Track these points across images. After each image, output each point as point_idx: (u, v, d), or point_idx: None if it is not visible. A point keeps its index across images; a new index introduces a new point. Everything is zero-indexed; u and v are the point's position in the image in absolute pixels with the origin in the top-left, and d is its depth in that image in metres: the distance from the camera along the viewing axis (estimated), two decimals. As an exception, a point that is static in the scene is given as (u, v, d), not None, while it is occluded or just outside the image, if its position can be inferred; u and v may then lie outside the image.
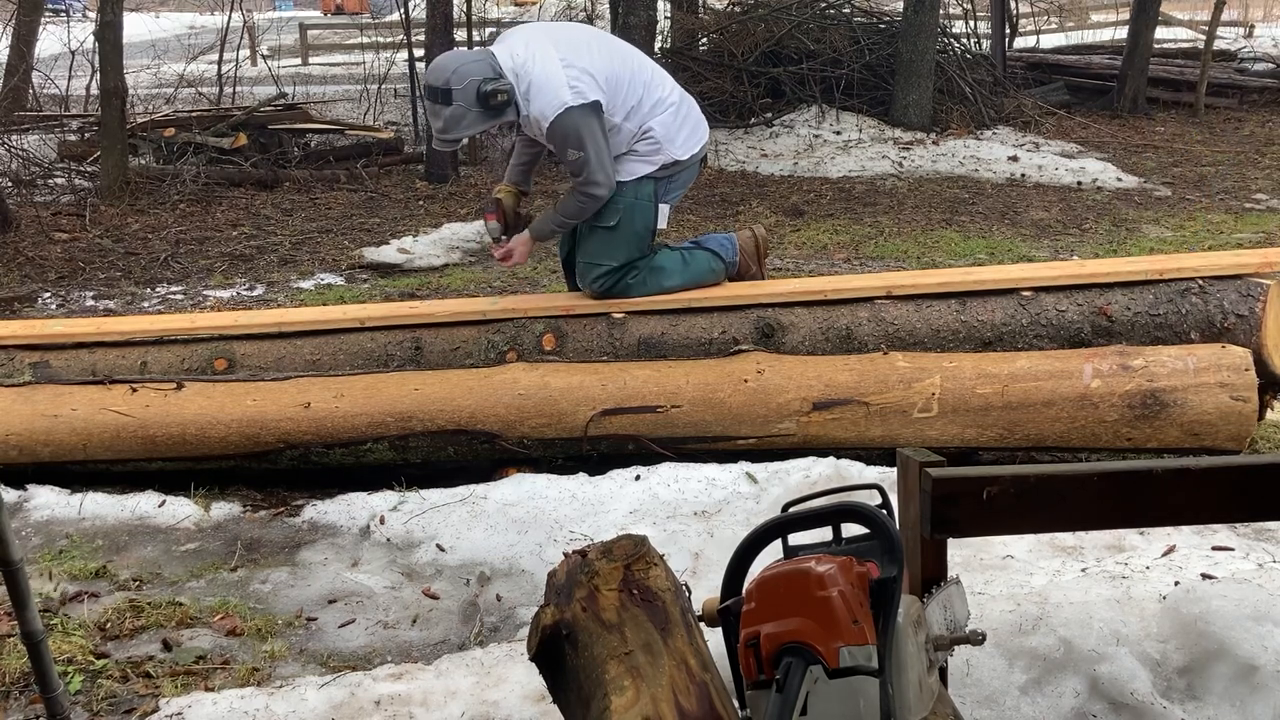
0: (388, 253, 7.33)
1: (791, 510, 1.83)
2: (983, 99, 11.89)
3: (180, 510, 3.79)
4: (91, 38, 9.66)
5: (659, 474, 3.72)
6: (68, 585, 3.29)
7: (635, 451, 3.88)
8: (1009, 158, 10.33)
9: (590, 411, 3.85)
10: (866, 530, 1.74)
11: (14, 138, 9.66)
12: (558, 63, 3.84)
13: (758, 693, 1.62)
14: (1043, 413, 3.76)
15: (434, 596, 3.27)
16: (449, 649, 2.99)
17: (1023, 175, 9.79)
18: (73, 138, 10.15)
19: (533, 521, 3.52)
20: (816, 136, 11.15)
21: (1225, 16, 14.69)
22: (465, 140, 3.99)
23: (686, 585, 1.96)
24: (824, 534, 1.79)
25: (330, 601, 3.25)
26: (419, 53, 11.01)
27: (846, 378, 3.83)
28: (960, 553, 3.09)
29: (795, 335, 4.00)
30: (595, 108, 3.86)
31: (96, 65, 9.34)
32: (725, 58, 11.89)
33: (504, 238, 4.18)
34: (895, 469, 2.10)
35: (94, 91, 10.14)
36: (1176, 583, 2.80)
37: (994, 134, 11.35)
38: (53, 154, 9.78)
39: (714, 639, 1.85)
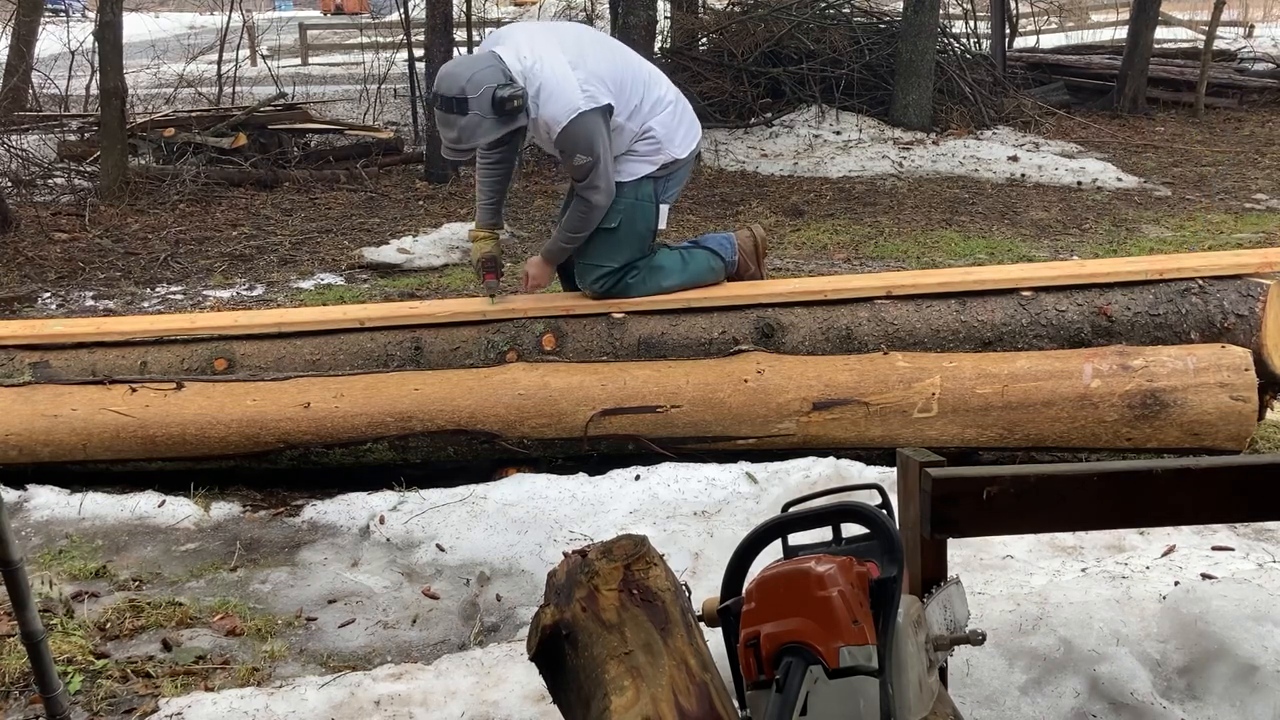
0: (388, 253, 7.33)
1: (791, 510, 1.83)
2: (983, 99, 11.89)
3: (180, 510, 3.78)
4: (91, 38, 9.67)
5: (659, 474, 3.72)
6: (67, 585, 3.29)
7: (635, 451, 3.88)
8: (1009, 158, 10.33)
9: (590, 411, 3.85)
10: (866, 530, 1.74)
11: (14, 138, 9.66)
12: (567, 65, 3.81)
13: (758, 693, 1.62)
14: (1043, 413, 3.76)
15: (434, 596, 3.27)
16: (449, 649, 2.99)
17: (1023, 175, 9.79)
18: (73, 138, 10.14)
19: (533, 521, 3.52)
20: (816, 136, 11.14)
21: (1225, 16, 14.69)
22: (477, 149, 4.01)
23: (686, 585, 1.96)
24: (824, 534, 1.79)
25: (330, 601, 3.25)
26: (419, 53, 11.01)
27: (846, 378, 3.83)
28: (960, 553, 3.09)
29: (795, 335, 4.00)
30: (606, 111, 3.85)
31: (96, 65, 9.34)
32: (725, 58, 11.89)
33: (501, 285, 4.25)
34: (895, 469, 2.10)
35: (94, 91, 10.14)
36: (1176, 583, 2.80)
37: (994, 134, 11.35)
38: (53, 154, 9.78)
39: (714, 639, 1.85)
